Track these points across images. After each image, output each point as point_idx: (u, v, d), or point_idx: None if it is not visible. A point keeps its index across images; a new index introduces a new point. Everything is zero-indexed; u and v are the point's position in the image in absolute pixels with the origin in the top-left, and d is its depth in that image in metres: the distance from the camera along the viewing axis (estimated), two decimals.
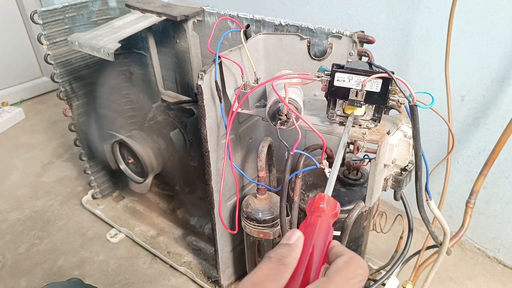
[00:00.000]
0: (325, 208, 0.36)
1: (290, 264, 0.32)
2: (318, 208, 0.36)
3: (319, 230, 0.34)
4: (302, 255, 0.33)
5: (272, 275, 0.32)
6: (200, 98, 0.76)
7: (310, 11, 1.31)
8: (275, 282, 0.31)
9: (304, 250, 0.33)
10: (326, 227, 0.35)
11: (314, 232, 0.34)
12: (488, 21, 1.02)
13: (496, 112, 1.10)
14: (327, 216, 0.36)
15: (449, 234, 0.86)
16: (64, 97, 1.23)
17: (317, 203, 0.37)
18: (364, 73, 0.62)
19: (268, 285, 0.31)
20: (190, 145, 1.21)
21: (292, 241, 0.33)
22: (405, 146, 0.67)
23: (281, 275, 0.32)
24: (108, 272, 1.31)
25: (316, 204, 0.37)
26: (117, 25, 0.98)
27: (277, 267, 0.32)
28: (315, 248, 0.34)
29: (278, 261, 0.32)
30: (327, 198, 0.37)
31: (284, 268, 0.32)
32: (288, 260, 0.32)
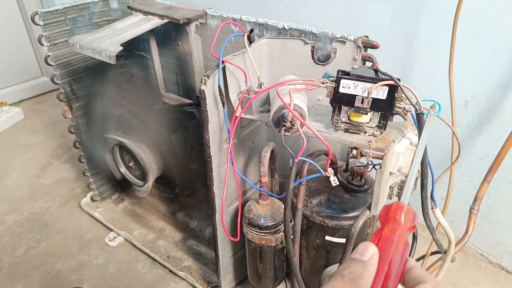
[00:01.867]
0: (403, 221, 0.32)
1: (364, 286, 0.29)
2: (395, 220, 0.32)
3: (396, 245, 0.31)
4: (377, 274, 0.30)
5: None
6: (203, 103, 0.75)
7: (313, 14, 1.30)
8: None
9: (379, 268, 0.30)
10: (404, 242, 0.31)
11: (390, 248, 0.30)
12: (493, 26, 1.01)
13: (500, 117, 1.09)
14: (404, 230, 0.32)
15: (454, 242, 0.85)
16: (64, 99, 1.22)
17: (393, 213, 0.32)
18: (370, 80, 0.61)
19: None
20: (191, 148, 1.20)
21: (367, 258, 0.30)
22: (411, 154, 0.66)
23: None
24: (107, 276, 1.30)
25: (393, 214, 0.32)
26: (119, 28, 0.97)
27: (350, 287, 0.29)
28: (392, 266, 0.30)
29: (352, 281, 0.29)
30: (406, 209, 0.32)
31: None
32: (363, 281, 0.29)
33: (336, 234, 0.85)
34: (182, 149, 1.19)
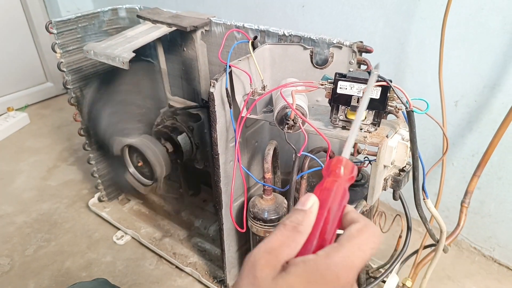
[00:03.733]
0: (342, 172, 0.34)
1: (304, 231, 0.32)
2: (334, 172, 0.34)
3: (335, 195, 0.33)
4: (316, 220, 0.33)
5: (286, 241, 0.32)
6: (211, 104, 0.81)
7: (311, 20, 1.37)
8: (290, 248, 0.32)
9: (318, 216, 0.33)
10: (342, 191, 0.34)
11: (329, 197, 0.33)
12: (479, 31, 1.08)
13: (488, 116, 1.16)
14: (343, 181, 0.34)
15: (445, 232, 0.91)
16: (75, 103, 1.27)
17: (334, 166, 0.34)
18: (365, 82, 0.68)
19: (283, 251, 0.31)
20: (196, 148, 1.25)
21: (307, 207, 0.33)
22: (403, 149, 0.72)
23: (296, 242, 0.32)
24: (115, 273, 1.35)
25: (333, 168, 0.34)
26: (129, 35, 1.03)
27: (291, 234, 0.32)
28: (330, 213, 0.33)
29: (293, 228, 0.32)
30: (345, 162, 0.34)
31: (299, 235, 0.32)
32: (302, 228, 0.32)
33: None
34: (187, 150, 1.25)
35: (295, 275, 0.30)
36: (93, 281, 0.82)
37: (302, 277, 0.30)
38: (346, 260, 0.30)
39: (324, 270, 0.30)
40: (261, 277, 0.30)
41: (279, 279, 0.30)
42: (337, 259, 0.30)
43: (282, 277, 0.30)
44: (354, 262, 0.31)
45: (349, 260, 0.30)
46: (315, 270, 0.30)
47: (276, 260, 0.31)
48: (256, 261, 0.31)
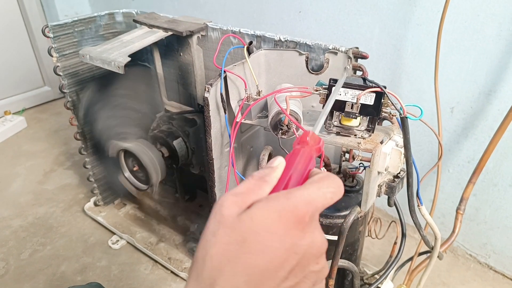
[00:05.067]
0: (309, 142, 0.39)
1: (270, 181, 0.35)
2: (302, 141, 0.39)
3: (300, 157, 0.37)
4: (282, 175, 0.36)
5: (253, 188, 0.34)
6: (206, 109, 0.81)
7: (307, 26, 1.38)
8: (256, 194, 0.34)
9: (284, 172, 0.36)
10: (308, 156, 0.38)
11: (295, 159, 0.37)
12: (475, 38, 1.08)
13: (483, 122, 1.16)
14: (309, 148, 0.38)
15: (440, 239, 0.91)
16: (71, 107, 1.27)
17: (302, 138, 0.39)
18: (359, 88, 0.68)
19: (250, 196, 0.34)
20: (192, 153, 1.25)
21: (275, 165, 0.37)
22: (397, 155, 0.72)
23: (262, 189, 0.35)
24: (110, 278, 1.34)
25: (301, 139, 0.39)
26: (126, 40, 1.03)
27: (258, 182, 0.35)
28: (295, 171, 0.36)
29: (259, 178, 0.35)
30: (311, 134, 0.39)
31: (265, 184, 0.35)
32: (269, 178, 0.35)
33: (329, 231, 0.91)
34: (183, 155, 1.25)
35: (257, 208, 0.32)
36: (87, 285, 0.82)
37: (263, 209, 0.32)
38: (305, 196, 0.33)
39: (284, 202, 0.32)
40: (226, 214, 0.32)
41: (243, 214, 0.32)
42: (296, 193, 0.33)
43: (245, 212, 0.32)
44: (313, 198, 0.33)
45: (309, 197, 0.33)
46: (276, 202, 0.32)
47: (242, 201, 0.33)
48: (223, 202, 0.33)
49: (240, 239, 0.31)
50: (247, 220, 0.32)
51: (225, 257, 0.31)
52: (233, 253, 0.31)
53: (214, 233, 0.32)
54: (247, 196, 0.34)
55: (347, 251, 0.96)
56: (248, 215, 0.32)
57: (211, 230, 0.32)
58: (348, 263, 0.84)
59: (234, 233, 0.31)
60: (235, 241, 0.31)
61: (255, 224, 0.31)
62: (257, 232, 0.31)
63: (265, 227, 0.31)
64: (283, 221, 0.32)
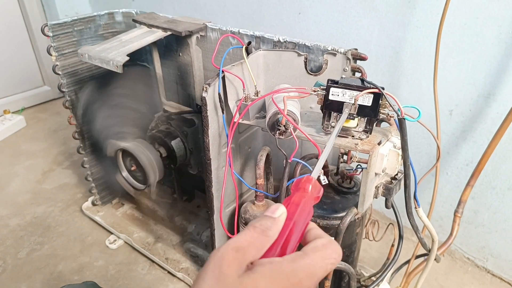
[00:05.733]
0: (310, 191, 0.38)
1: (272, 236, 0.35)
2: (304, 189, 0.38)
3: (301, 209, 0.36)
4: (282, 229, 0.35)
5: (254, 243, 0.34)
6: (204, 109, 0.81)
7: (307, 27, 1.38)
8: (256, 250, 0.33)
9: (285, 225, 0.35)
10: (308, 207, 0.37)
11: (296, 211, 0.36)
12: (474, 40, 1.08)
13: (482, 125, 1.16)
14: (310, 198, 0.37)
15: (437, 241, 0.90)
16: (69, 106, 1.27)
17: (303, 184, 0.38)
18: (356, 88, 0.68)
19: (250, 252, 0.33)
20: (190, 154, 1.25)
21: (276, 215, 0.35)
22: (394, 156, 0.72)
23: (263, 245, 0.34)
24: (107, 277, 1.34)
25: (302, 185, 0.38)
26: (124, 39, 1.03)
27: (260, 236, 0.34)
28: (296, 225, 0.36)
29: (262, 231, 0.34)
30: (314, 182, 0.38)
31: (266, 239, 0.34)
32: (271, 232, 0.34)
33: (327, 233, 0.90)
34: (181, 155, 1.25)
35: (261, 274, 0.31)
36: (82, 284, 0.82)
37: (267, 277, 0.31)
38: (309, 268, 0.33)
39: (289, 273, 0.32)
40: (227, 273, 0.31)
41: (245, 277, 0.31)
42: (302, 265, 0.32)
43: (248, 275, 0.31)
44: (316, 271, 0.33)
45: (313, 268, 0.33)
46: (281, 272, 0.32)
47: (243, 258, 0.32)
48: (224, 257, 0.32)
49: None
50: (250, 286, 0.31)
51: None
52: None
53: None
54: (248, 252, 0.33)
55: (344, 253, 0.96)
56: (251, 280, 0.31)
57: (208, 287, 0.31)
58: (345, 264, 0.84)
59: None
60: None
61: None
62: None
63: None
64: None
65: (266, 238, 0.34)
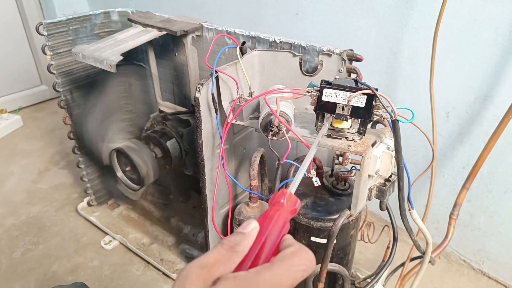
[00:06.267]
0: (285, 204, 0.37)
1: (241, 252, 0.34)
2: (278, 203, 0.37)
3: (274, 223, 0.36)
4: (254, 244, 0.35)
5: (222, 259, 0.33)
6: (197, 109, 0.81)
7: (304, 28, 1.37)
8: (224, 266, 0.33)
9: (256, 240, 0.35)
10: (283, 221, 0.36)
11: (270, 224, 0.36)
12: (471, 42, 1.08)
13: (479, 128, 1.15)
14: (285, 211, 0.37)
15: (431, 244, 0.90)
16: (64, 106, 1.27)
17: (278, 197, 0.38)
18: (350, 89, 0.67)
19: (217, 269, 0.32)
20: (185, 154, 1.24)
21: (247, 231, 0.35)
22: (387, 158, 0.71)
23: (231, 261, 0.33)
24: (102, 278, 1.33)
25: (277, 199, 0.38)
26: (119, 38, 1.03)
27: (228, 253, 0.33)
28: (268, 239, 0.35)
29: (230, 248, 0.34)
30: (288, 194, 0.38)
31: (235, 255, 0.34)
32: (239, 248, 0.34)
33: (321, 235, 0.90)
34: (176, 156, 1.24)
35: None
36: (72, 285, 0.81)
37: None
38: (274, 278, 0.31)
39: (252, 285, 0.31)
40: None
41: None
42: (266, 276, 0.31)
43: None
44: (282, 280, 0.32)
45: (278, 278, 0.31)
46: (244, 285, 0.31)
47: (208, 275, 0.32)
48: (188, 275, 0.32)
49: None
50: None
51: None
52: None
53: None
54: (214, 269, 0.32)
55: (338, 255, 0.95)
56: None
57: None
58: (339, 267, 0.83)
59: None
60: None
61: None
62: None
63: None
64: None
65: (234, 253, 0.34)
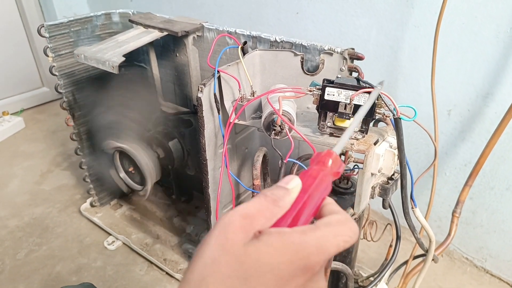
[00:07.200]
0: (330, 165, 0.35)
1: (283, 207, 0.32)
2: (323, 163, 0.35)
3: (318, 182, 0.34)
4: (295, 201, 0.33)
5: (264, 211, 0.32)
6: (199, 109, 0.81)
7: (304, 27, 1.37)
8: (266, 219, 0.31)
9: (298, 198, 0.33)
10: (326, 182, 0.35)
11: (312, 184, 0.34)
12: (472, 40, 1.08)
13: (480, 125, 1.15)
14: (329, 172, 0.35)
15: (434, 241, 0.90)
16: (67, 107, 1.27)
17: (323, 157, 0.35)
18: (352, 88, 0.67)
19: (258, 220, 0.31)
20: (187, 154, 1.25)
21: (290, 187, 0.33)
22: (390, 156, 0.72)
23: (273, 214, 0.32)
24: (105, 278, 1.34)
25: (322, 159, 0.35)
26: (121, 40, 1.03)
27: (271, 206, 0.32)
28: (310, 198, 0.33)
29: (273, 201, 0.32)
30: (334, 156, 0.35)
31: (277, 209, 0.32)
32: (282, 203, 0.32)
33: None
34: (179, 156, 1.24)
35: (267, 243, 0.29)
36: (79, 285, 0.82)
37: (273, 247, 0.29)
38: (320, 242, 0.30)
39: (297, 245, 0.29)
40: (232, 239, 0.29)
41: (250, 246, 0.29)
42: (312, 238, 0.30)
43: (253, 244, 0.29)
44: (327, 246, 0.30)
45: (323, 243, 0.30)
46: (289, 243, 0.29)
47: (250, 226, 0.30)
48: (231, 223, 0.30)
49: (243, 275, 0.28)
50: (254, 256, 0.29)
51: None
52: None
53: (214, 259, 0.29)
54: (256, 220, 0.31)
55: (341, 254, 0.95)
56: (256, 249, 0.29)
57: (211, 253, 0.29)
58: (342, 265, 0.83)
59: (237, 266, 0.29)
60: (237, 276, 0.29)
61: (262, 262, 0.29)
62: (263, 273, 0.29)
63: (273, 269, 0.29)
64: (292, 267, 0.29)
65: (277, 207, 0.32)
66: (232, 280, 0.28)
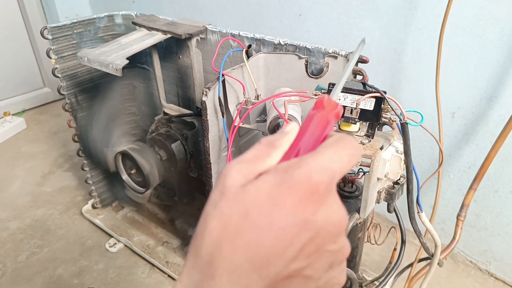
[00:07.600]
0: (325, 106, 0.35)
1: (281, 146, 0.31)
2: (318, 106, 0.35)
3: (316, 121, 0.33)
4: (295, 141, 0.32)
5: (261, 155, 0.31)
6: (204, 113, 0.80)
7: (307, 29, 1.37)
8: (264, 162, 0.30)
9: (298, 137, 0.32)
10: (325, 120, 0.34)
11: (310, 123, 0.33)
12: (476, 42, 1.07)
13: (484, 128, 1.15)
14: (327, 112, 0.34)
15: (440, 246, 0.90)
16: (69, 109, 1.26)
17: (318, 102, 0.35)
18: (358, 92, 0.67)
19: (257, 164, 0.30)
20: (190, 157, 1.24)
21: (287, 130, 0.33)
22: (397, 161, 0.71)
23: (271, 156, 0.31)
24: (107, 281, 1.33)
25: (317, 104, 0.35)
26: (124, 42, 1.02)
27: (266, 148, 0.31)
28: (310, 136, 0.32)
29: (268, 143, 0.31)
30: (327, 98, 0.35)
31: (275, 150, 0.31)
32: (278, 143, 0.31)
33: None
34: (181, 158, 1.24)
35: (265, 179, 0.28)
36: None
37: (271, 181, 0.28)
38: (319, 161, 0.28)
39: (295, 170, 0.28)
40: (230, 184, 0.29)
41: (248, 185, 0.28)
42: (310, 160, 0.28)
43: (251, 183, 0.28)
44: (329, 163, 0.29)
45: (324, 161, 0.29)
46: (286, 171, 0.28)
47: (247, 169, 0.29)
48: (228, 171, 0.29)
49: (243, 211, 0.27)
50: (252, 191, 0.28)
51: (225, 231, 0.27)
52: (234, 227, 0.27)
53: (215, 205, 0.28)
54: (254, 164, 0.30)
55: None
56: (254, 185, 0.28)
57: (212, 202, 0.29)
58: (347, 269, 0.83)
59: (236, 204, 0.28)
60: (237, 214, 0.27)
61: (260, 195, 0.27)
62: (262, 205, 0.27)
63: (272, 199, 0.27)
64: (293, 193, 0.27)
65: (273, 148, 0.31)
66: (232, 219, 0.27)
